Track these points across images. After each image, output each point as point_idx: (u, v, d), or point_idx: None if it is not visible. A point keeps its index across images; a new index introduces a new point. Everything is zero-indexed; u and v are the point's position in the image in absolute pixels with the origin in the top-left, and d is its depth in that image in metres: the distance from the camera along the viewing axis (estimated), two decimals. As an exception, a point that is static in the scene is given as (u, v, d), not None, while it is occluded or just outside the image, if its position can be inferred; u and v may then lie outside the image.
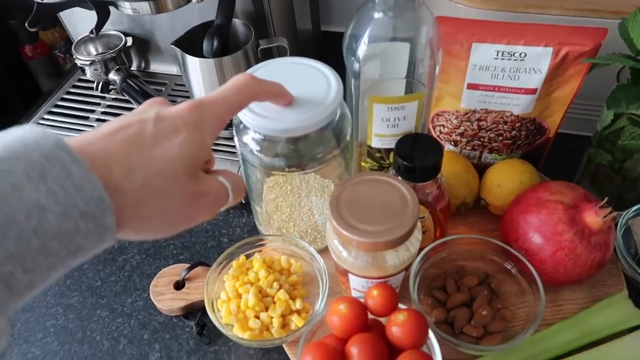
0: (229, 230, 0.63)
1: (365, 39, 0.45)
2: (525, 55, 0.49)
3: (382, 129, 0.50)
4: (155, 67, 0.77)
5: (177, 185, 0.30)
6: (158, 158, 0.29)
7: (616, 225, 0.53)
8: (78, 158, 0.25)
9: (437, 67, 0.48)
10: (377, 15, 0.45)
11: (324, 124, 0.44)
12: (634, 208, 0.53)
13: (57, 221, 0.24)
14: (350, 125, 0.49)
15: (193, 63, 0.57)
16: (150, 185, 0.28)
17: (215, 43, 0.57)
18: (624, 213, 0.54)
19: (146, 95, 0.68)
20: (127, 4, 0.56)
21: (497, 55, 0.50)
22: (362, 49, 0.46)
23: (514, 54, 0.49)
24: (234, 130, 0.49)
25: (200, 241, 0.62)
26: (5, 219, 0.22)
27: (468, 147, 0.59)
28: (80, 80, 0.77)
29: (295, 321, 0.49)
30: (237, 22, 0.63)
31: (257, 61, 0.55)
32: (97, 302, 0.57)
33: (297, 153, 0.46)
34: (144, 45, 0.75)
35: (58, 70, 0.83)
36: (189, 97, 0.67)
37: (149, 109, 0.31)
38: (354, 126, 0.55)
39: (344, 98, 0.50)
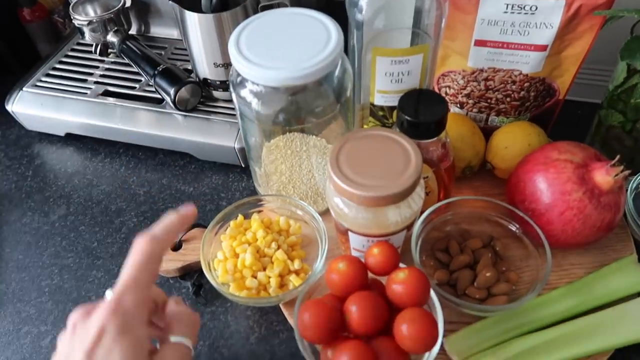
0: (228, 194, 0.62)
1: (368, -12, 0.44)
2: (536, 8, 0.47)
3: (385, 85, 0.49)
4: (155, 30, 0.75)
5: None
6: None
7: (627, 189, 0.51)
8: None
9: (444, 20, 0.46)
10: (382, -39, 0.43)
11: (323, 73, 0.42)
12: (645, 171, 0.52)
13: None
14: (351, 80, 0.47)
15: (191, 19, 0.56)
16: None
17: (214, -2, 0.55)
18: (636, 177, 0.52)
19: (146, 58, 0.66)
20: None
21: (507, 8, 0.48)
22: (365, -2, 0.44)
23: (524, 7, 0.47)
24: (230, 87, 0.48)
25: (199, 205, 0.61)
26: None
27: (475, 110, 0.57)
28: (79, 44, 0.76)
29: (293, 281, 0.48)
30: (238, -20, 0.61)
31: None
32: (93, 263, 0.56)
33: (296, 106, 0.45)
34: (144, 8, 0.73)
35: (57, 35, 0.82)
36: (188, 61, 0.65)
37: (75, 347, 0.32)
38: (356, 86, 0.53)
39: (347, 55, 0.49)
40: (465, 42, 0.51)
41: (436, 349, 0.39)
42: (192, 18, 0.55)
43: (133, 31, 0.75)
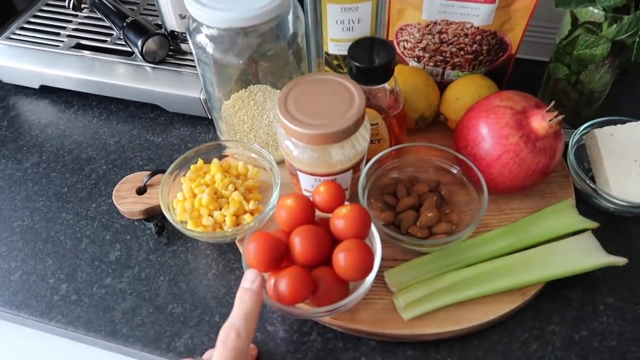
0: (195, 144, 0.64)
1: None
2: (484, -40, 0.49)
3: (337, 33, 0.51)
4: (129, -14, 0.76)
5: None
6: None
7: (568, 143, 0.53)
8: None
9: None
10: None
11: (272, 15, 0.44)
12: (586, 124, 0.54)
13: None
14: (302, 27, 0.49)
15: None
16: None
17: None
18: (577, 130, 0.54)
19: (116, 11, 0.68)
20: None
21: (456, -40, 0.49)
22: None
23: (473, -41, 0.49)
24: (187, 35, 0.50)
25: (166, 154, 0.64)
26: None
27: (431, 63, 0.59)
28: (53, -2, 0.77)
29: (247, 220, 0.51)
30: None
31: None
32: (63, 206, 0.59)
33: (248, 50, 0.47)
34: (117, -36, 0.74)
35: (33, -9, 0.83)
36: (157, 16, 0.67)
37: None
38: (312, 38, 0.55)
39: (303, 8, 0.51)
40: (418, -6, 0.53)
41: (371, 277, 0.42)
42: (156, -32, 0.57)
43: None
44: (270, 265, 0.43)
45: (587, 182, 0.51)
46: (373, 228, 0.45)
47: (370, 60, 0.47)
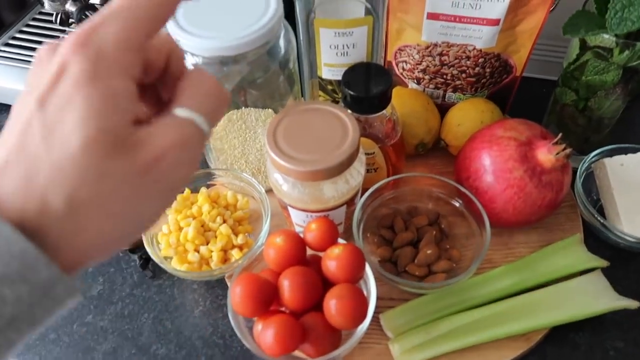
0: (184, 168, 0.62)
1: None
2: (488, -19, 0.46)
3: (331, 58, 0.48)
4: (118, 0, 0.74)
5: (108, 179, 0.21)
6: (62, 163, 0.20)
7: (576, 170, 0.50)
8: None
9: (389, -8, 0.45)
10: None
11: (259, 44, 0.41)
12: (595, 152, 0.51)
13: None
14: (294, 52, 0.46)
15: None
16: (75, 202, 0.20)
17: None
18: (585, 158, 0.51)
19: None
20: None
21: (458, -19, 0.46)
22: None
23: (476, -21, 0.46)
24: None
25: (154, 178, 0.61)
26: None
27: (431, 86, 0.56)
28: (40, 13, 0.74)
29: (235, 255, 0.48)
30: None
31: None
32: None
33: (238, 75, 0.44)
34: (106, -23, 0.72)
35: (20, 2, 0.80)
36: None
37: (31, 91, 0.22)
38: (305, 60, 0.52)
39: (295, 27, 0.48)
40: (418, 15, 0.50)
41: (365, 325, 0.40)
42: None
43: (96, 0, 0.73)
44: (257, 310, 0.40)
45: (596, 216, 0.48)
46: (368, 269, 0.42)
47: (366, 89, 0.44)
